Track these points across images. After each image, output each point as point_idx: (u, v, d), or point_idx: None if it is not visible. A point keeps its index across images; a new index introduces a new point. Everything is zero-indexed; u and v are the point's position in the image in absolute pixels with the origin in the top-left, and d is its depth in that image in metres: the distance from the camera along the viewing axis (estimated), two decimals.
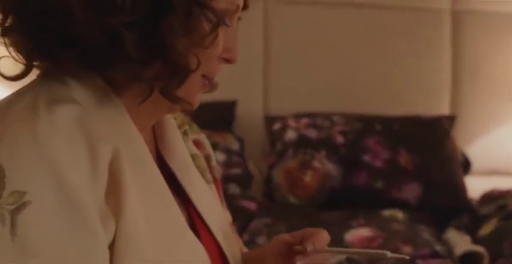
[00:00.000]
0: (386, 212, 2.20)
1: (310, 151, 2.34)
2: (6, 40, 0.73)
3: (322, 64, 2.65)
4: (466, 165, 2.49)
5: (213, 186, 0.93)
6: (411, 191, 2.28)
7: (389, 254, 0.76)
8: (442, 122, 2.47)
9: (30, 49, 0.73)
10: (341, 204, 2.26)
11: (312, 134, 2.39)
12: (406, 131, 2.40)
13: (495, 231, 2.07)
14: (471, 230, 2.16)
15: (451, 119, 2.51)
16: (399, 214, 2.20)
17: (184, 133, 0.92)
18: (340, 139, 2.37)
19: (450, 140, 2.42)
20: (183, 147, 0.88)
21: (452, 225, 2.20)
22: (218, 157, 2.23)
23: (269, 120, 2.53)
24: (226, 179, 2.24)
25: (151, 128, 0.84)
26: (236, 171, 2.29)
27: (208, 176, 0.93)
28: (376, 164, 2.31)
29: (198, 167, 0.91)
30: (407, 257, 0.79)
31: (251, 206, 2.21)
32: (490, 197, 2.32)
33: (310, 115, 2.48)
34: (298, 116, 2.48)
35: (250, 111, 2.65)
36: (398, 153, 2.33)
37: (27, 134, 0.66)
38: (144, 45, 0.71)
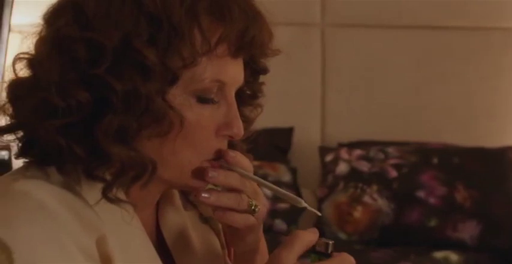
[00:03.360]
0: (439, 254, 2.08)
1: (361, 185, 2.25)
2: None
3: (381, 89, 2.55)
4: None
5: (225, 251, 0.90)
6: (468, 231, 2.14)
7: (303, 203, 0.75)
8: (507, 153, 2.30)
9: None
10: (392, 242, 2.16)
11: (364, 167, 2.29)
12: (465, 165, 2.25)
13: None
14: None
15: None
16: (453, 256, 2.07)
17: None
18: (393, 173, 2.26)
19: None
20: (183, 222, 0.85)
21: None
22: (265, 191, 2.18)
23: (323, 150, 2.45)
24: (272, 215, 2.19)
25: (155, 205, 0.81)
26: (284, 205, 2.23)
27: (222, 239, 0.90)
28: (430, 200, 2.19)
29: (213, 230, 0.89)
30: (319, 214, 0.77)
31: None
32: None
33: (365, 145, 2.39)
34: (351, 147, 2.39)
35: (307, 138, 2.59)
36: (456, 189, 2.20)
37: (23, 213, 0.66)
38: (86, 146, 0.69)
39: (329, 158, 2.39)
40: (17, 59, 0.72)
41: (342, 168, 2.32)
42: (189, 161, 0.73)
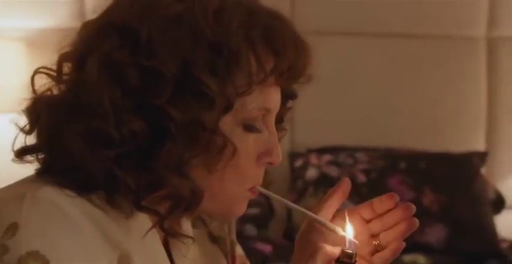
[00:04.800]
0: (408, 257, 2.10)
1: (330, 190, 2.27)
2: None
3: (349, 95, 2.58)
4: (498, 203, 2.36)
5: None
6: (435, 234, 2.18)
7: (341, 231, 0.79)
8: (472, 158, 2.35)
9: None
10: None
11: (333, 172, 2.32)
12: (432, 169, 2.29)
13: None
14: None
15: (482, 156, 2.39)
16: (421, 259, 2.10)
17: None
18: (362, 178, 2.29)
19: (480, 178, 2.30)
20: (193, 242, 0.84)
21: None
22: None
23: (292, 156, 2.47)
24: (243, 220, 2.20)
25: None
26: (254, 211, 2.24)
27: (230, 261, 0.90)
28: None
29: (221, 250, 0.88)
30: (356, 242, 0.78)
31: (266, 248, 2.16)
32: None
33: (334, 150, 2.42)
34: (321, 152, 2.41)
35: None
36: (422, 193, 2.23)
37: (55, 222, 0.65)
38: (139, 176, 0.67)
39: (298, 163, 2.40)
40: (37, 73, 0.69)
41: (312, 173, 2.34)
42: (232, 190, 0.73)
